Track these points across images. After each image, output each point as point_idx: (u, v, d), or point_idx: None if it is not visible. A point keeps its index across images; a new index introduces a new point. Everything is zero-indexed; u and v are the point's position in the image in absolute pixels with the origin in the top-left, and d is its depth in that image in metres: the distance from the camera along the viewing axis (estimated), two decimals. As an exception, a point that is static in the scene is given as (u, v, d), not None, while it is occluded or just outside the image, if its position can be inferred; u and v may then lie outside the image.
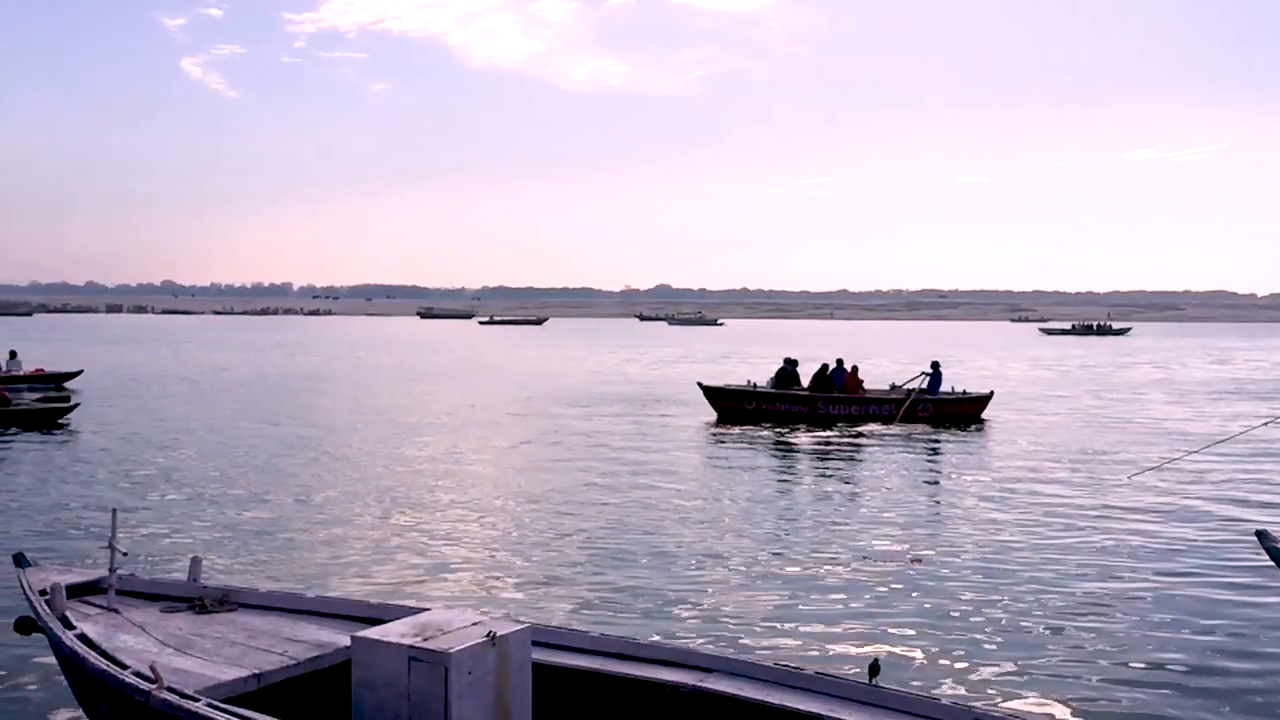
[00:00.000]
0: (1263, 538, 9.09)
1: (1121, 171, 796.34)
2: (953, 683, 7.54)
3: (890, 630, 8.73)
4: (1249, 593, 10.02)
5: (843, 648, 8.30)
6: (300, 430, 22.26)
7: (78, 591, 6.45)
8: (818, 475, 17.46)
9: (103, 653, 5.48)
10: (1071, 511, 13.84)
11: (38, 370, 33.21)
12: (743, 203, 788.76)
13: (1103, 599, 9.74)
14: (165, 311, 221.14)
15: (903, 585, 10.12)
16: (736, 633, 8.65)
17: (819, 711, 5.10)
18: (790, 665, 5.79)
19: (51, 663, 6.59)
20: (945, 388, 26.04)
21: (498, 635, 5.13)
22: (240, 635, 5.95)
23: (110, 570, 6.40)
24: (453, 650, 4.93)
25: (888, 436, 22.32)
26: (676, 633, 8.49)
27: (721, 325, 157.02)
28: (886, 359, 51.69)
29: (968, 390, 26.48)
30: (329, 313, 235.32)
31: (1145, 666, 7.99)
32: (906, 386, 26.03)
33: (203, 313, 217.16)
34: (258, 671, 5.44)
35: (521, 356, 59.15)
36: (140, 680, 5.04)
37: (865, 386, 26.31)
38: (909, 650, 8.23)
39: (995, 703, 6.91)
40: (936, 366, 26.34)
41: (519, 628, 5.34)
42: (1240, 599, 9.81)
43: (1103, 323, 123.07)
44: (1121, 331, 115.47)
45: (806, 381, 26.39)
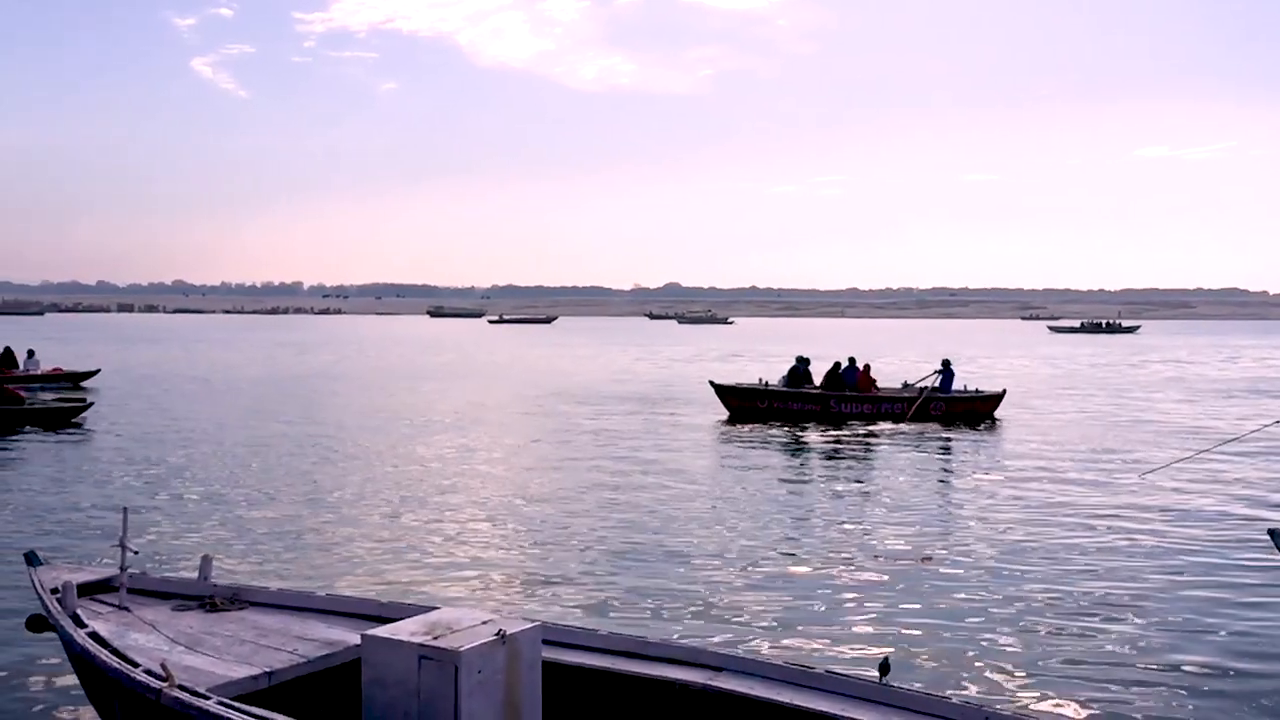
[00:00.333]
0: (1275, 537, 9.05)
1: (1132, 169, 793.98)
2: (963, 682, 7.52)
3: (901, 629, 8.71)
4: (1262, 593, 9.97)
5: (853, 647, 8.28)
6: (310, 429, 22.31)
7: (89, 590, 6.47)
8: (829, 474, 17.42)
9: (114, 651, 5.50)
10: (1083, 511, 13.79)
11: (56, 369, 33.46)
12: (752, 201, 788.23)
13: (1114, 599, 9.71)
14: (176, 311, 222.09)
15: (913, 584, 10.10)
16: (747, 631, 8.64)
17: (829, 710, 5.09)
18: (800, 664, 5.78)
19: (63, 661, 6.62)
20: (957, 386, 26.00)
21: (508, 634, 5.13)
22: (251, 634, 5.97)
23: (121, 569, 6.42)
24: (463, 649, 4.93)
25: (900, 435, 22.27)
26: (686, 631, 8.48)
27: (731, 324, 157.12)
28: (897, 357, 51.61)
29: (980, 389, 26.44)
30: (339, 312, 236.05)
31: (1157, 667, 7.96)
32: (919, 385, 25.99)
33: (213, 312, 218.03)
34: (269, 670, 5.45)
35: (531, 355, 59.21)
36: (151, 678, 5.06)
37: (877, 385, 26.29)
38: (919, 649, 8.21)
39: (1006, 702, 6.89)
40: (947, 365, 26.30)
41: (529, 626, 5.34)
42: (1253, 599, 9.76)
43: (1112, 321, 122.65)
44: (1131, 330, 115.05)
45: (819, 380, 26.37)
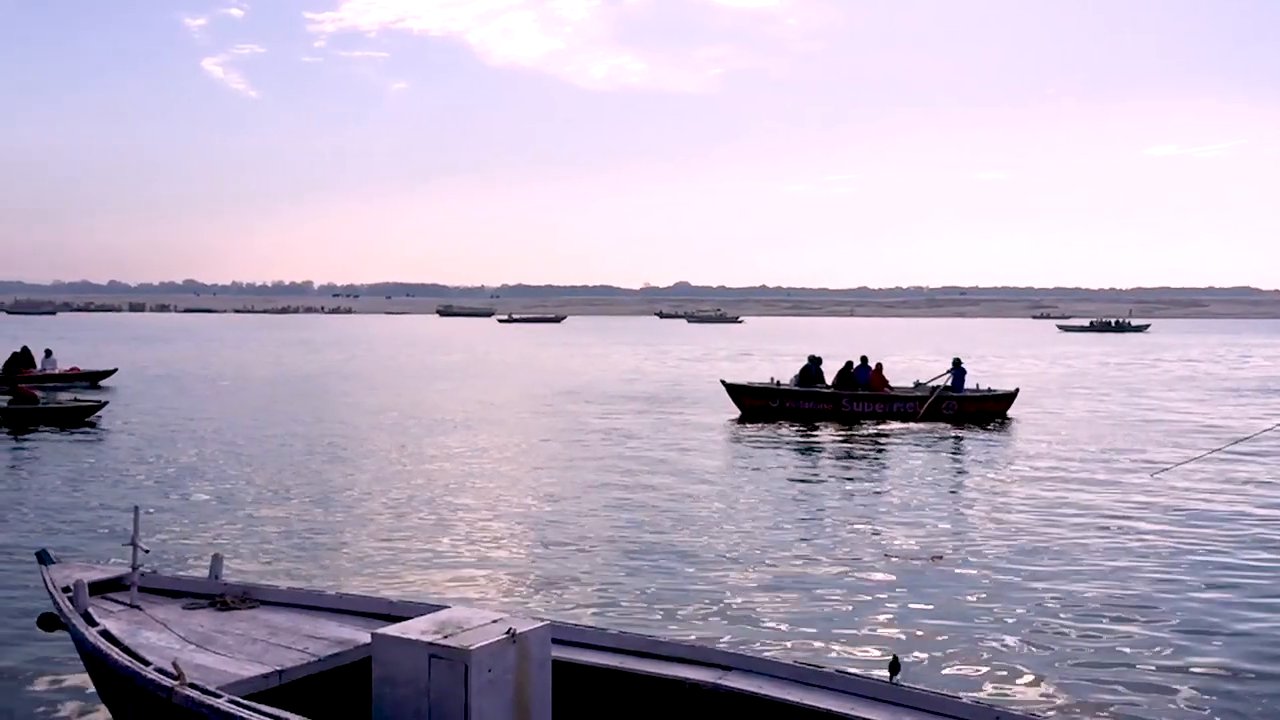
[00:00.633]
0: None
1: (1142, 168, 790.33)
2: (973, 682, 7.50)
3: (911, 629, 8.69)
4: (1275, 593, 9.92)
5: (862, 646, 8.27)
6: (321, 428, 22.35)
7: (101, 588, 6.50)
8: (841, 474, 17.39)
9: (125, 649, 5.52)
10: (1095, 511, 13.74)
11: (73, 369, 33.59)
12: (762, 200, 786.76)
13: (1125, 600, 9.67)
14: (187, 310, 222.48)
15: (924, 584, 10.08)
16: (756, 631, 8.63)
17: (838, 710, 5.09)
18: (810, 664, 5.78)
19: (75, 659, 6.64)
20: (969, 385, 25.94)
21: (518, 633, 5.14)
22: (262, 632, 5.98)
23: (133, 567, 6.45)
24: (473, 647, 4.94)
25: (912, 435, 22.23)
26: (696, 631, 8.47)
27: (741, 323, 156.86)
28: (907, 356, 51.51)
29: (992, 388, 26.37)
30: (349, 311, 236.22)
31: (1167, 668, 7.92)
32: (930, 384, 25.94)
33: (224, 311, 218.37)
34: (279, 668, 5.47)
35: (540, 354, 59.24)
36: (162, 676, 5.08)
37: (889, 385, 26.24)
38: (930, 649, 8.19)
39: (1015, 702, 6.87)
40: (959, 364, 26.23)
41: (539, 625, 5.35)
42: (1265, 600, 9.71)
43: (1122, 320, 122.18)
44: (1141, 328, 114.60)
45: (831, 379, 26.34)
